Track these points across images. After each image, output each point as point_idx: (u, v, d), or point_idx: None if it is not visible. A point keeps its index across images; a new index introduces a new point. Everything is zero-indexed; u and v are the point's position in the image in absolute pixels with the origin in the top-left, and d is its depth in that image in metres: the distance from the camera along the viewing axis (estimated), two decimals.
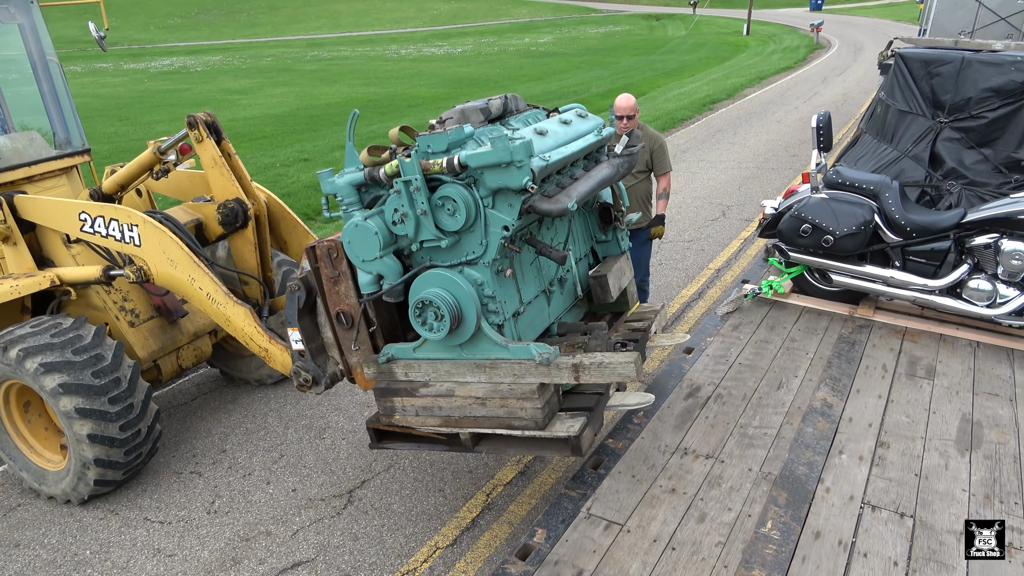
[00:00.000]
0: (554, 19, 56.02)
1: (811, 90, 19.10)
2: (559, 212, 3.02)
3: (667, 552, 3.21)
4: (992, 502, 3.51)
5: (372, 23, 56.58)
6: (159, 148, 4.42)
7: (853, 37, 33.86)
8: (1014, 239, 4.74)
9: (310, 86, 24.42)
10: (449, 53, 35.30)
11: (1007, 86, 5.84)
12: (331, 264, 3.32)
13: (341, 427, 4.96)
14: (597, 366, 3.10)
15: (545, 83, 22.69)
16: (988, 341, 4.99)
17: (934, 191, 6.07)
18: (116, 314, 4.59)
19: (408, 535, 3.97)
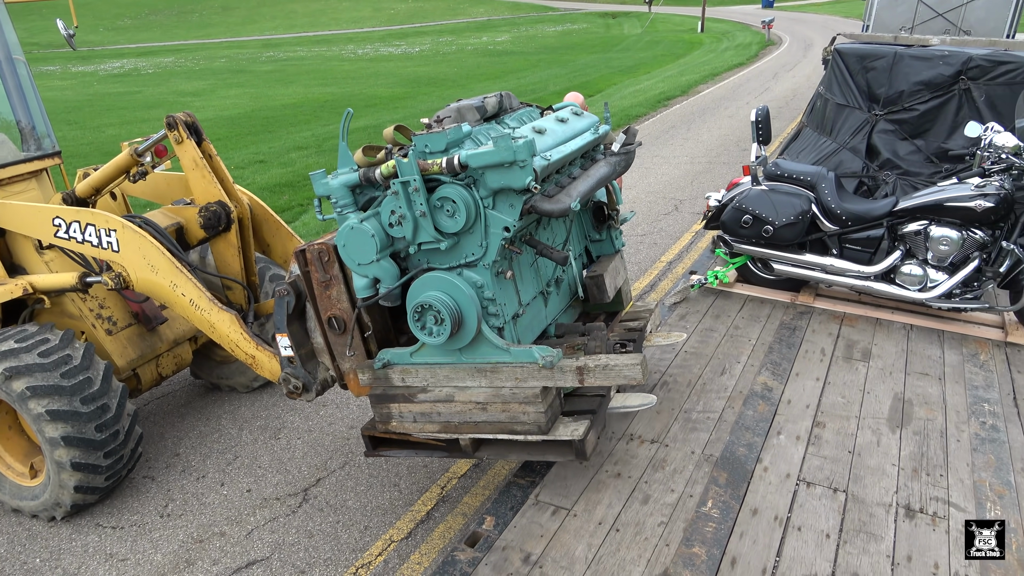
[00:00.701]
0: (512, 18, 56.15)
1: (762, 86, 19.50)
2: (561, 212, 2.98)
3: (611, 533, 3.32)
4: (919, 475, 3.70)
5: (328, 23, 56.03)
6: (136, 150, 4.27)
7: (803, 34, 34.60)
8: (942, 225, 4.97)
9: (265, 87, 24.14)
10: (407, 52, 35.17)
11: (936, 79, 6.10)
12: (322, 268, 3.24)
13: (297, 427, 4.98)
14: (602, 369, 3.07)
15: (503, 82, 22.77)
16: (920, 324, 5.22)
17: (871, 181, 6.31)
18: (92, 322, 4.46)
19: (363, 530, 4.01)
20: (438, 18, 57.78)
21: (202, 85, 25.46)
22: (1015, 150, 4.77)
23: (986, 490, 3.60)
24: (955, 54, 6.12)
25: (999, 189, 4.78)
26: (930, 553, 3.21)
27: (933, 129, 6.22)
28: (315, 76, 26.87)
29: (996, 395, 4.40)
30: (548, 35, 41.60)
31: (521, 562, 3.19)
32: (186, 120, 4.09)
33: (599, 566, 3.16)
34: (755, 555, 3.19)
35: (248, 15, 61.28)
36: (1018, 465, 3.78)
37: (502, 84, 22.07)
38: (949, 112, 6.12)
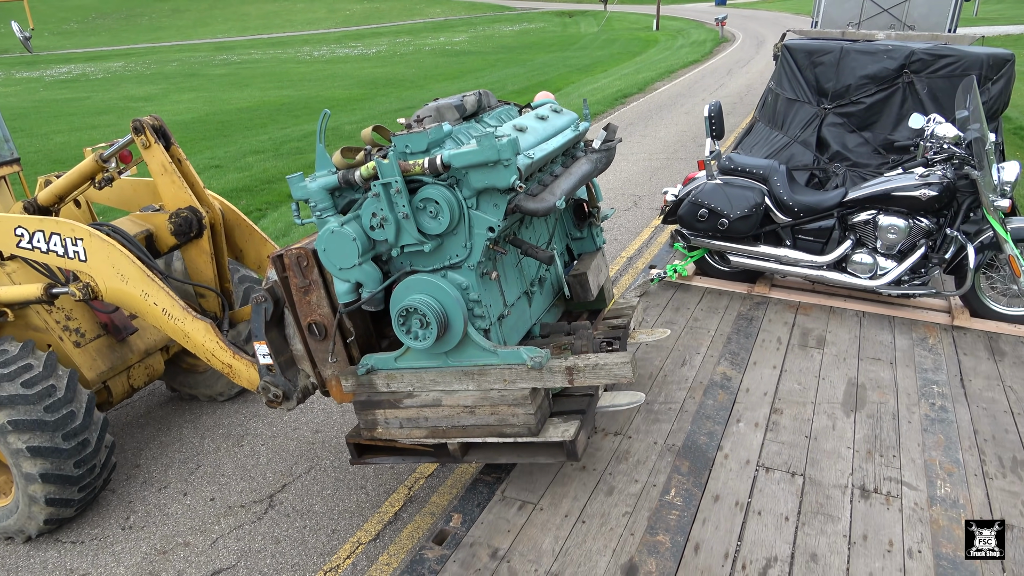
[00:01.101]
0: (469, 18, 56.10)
1: (717, 82, 19.82)
2: (546, 211, 2.95)
3: (578, 525, 3.37)
4: (873, 456, 3.82)
5: (283, 25, 55.29)
6: (101, 156, 4.12)
7: (755, 30, 35.23)
8: (889, 215, 5.13)
9: (219, 91, 23.73)
10: (364, 54, 34.89)
11: (881, 73, 6.28)
12: (301, 273, 3.18)
13: (260, 433, 4.93)
14: (592, 368, 3.05)
15: (461, 82, 22.74)
16: (872, 311, 5.38)
17: (822, 173, 6.47)
18: (60, 334, 4.30)
19: (331, 533, 3.99)
20: (394, 19, 57.45)
21: (154, 90, 24.93)
22: (955, 140, 4.94)
23: (936, 468, 3.73)
24: (898, 48, 6.31)
25: (942, 178, 4.95)
26: (884, 531, 3.32)
27: (879, 121, 6.41)
28: (270, 79, 26.51)
29: (944, 377, 4.56)
30: (505, 35, 41.66)
31: (489, 557, 3.22)
32: (153, 124, 3.97)
33: (566, 558, 3.20)
34: (717, 540, 3.27)
35: (200, 17, 60.15)
36: (965, 443, 3.93)
37: (461, 84, 22.05)
38: (894, 105, 6.31)
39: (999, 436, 3.99)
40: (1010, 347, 4.90)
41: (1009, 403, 4.28)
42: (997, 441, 3.95)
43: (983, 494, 3.56)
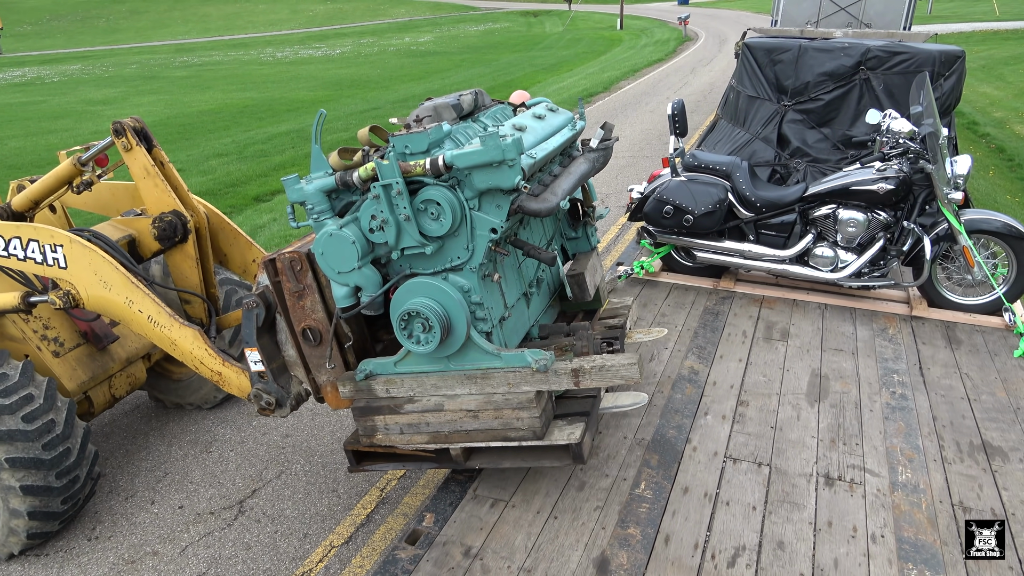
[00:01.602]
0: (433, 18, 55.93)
1: (681, 80, 20.04)
2: (548, 211, 2.91)
3: (550, 521, 3.40)
4: (837, 445, 3.91)
5: (244, 26, 54.55)
6: (79, 159, 3.99)
7: (718, 29, 35.69)
8: (849, 208, 5.24)
9: (181, 93, 23.34)
10: (328, 55, 34.59)
11: (838, 70, 6.42)
12: (294, 277, 3.11)
13: (229, 439, 4.87)
14: (598, 370, 3.01)
15: (427, 82, 22.68)
16: (834, 303, 5.50)
17: (783, 169, 6.59)
18: (37, 344, 4.16)
19: (302, 537, 3.97)
20: (358, 19, 57.03)
21: (112, 93, 24.43)
22: (910, 135, 5.08)
23: (897, 455, 3.83)
24: (855, 46, 6.46)
25: (898, 172, 5.08)
26: (849, 517, 3.40)
27: (838, 118, 6.55)
28: (233, 81, 26.14)
29: (904, 366, 4.68)
30: (471, 35, 41.62)
31: (462, 556, 3.23)
32: (134, 126, 3.86)
33: (538, 553, 3.22)
34: (687, 531, 3.32)
35: (158, 19, 59.07)
36: (925, 430, 4.04)
37: (427, 85, 21.99)
38: (851, 101, 6.45)
39: (956, 422, 4.11)
40: (966, 335, 5.05)
41: (965, 390, 4.41)
42: (955, 427, 4.06)
43: (942, 479, 3.66)
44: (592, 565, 3.14)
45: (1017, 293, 5.14)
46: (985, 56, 22.59)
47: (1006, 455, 3.82)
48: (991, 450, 3.87)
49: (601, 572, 3.10)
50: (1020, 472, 3.69)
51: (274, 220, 9.30)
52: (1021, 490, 3.57)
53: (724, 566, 3.13)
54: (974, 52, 23.28)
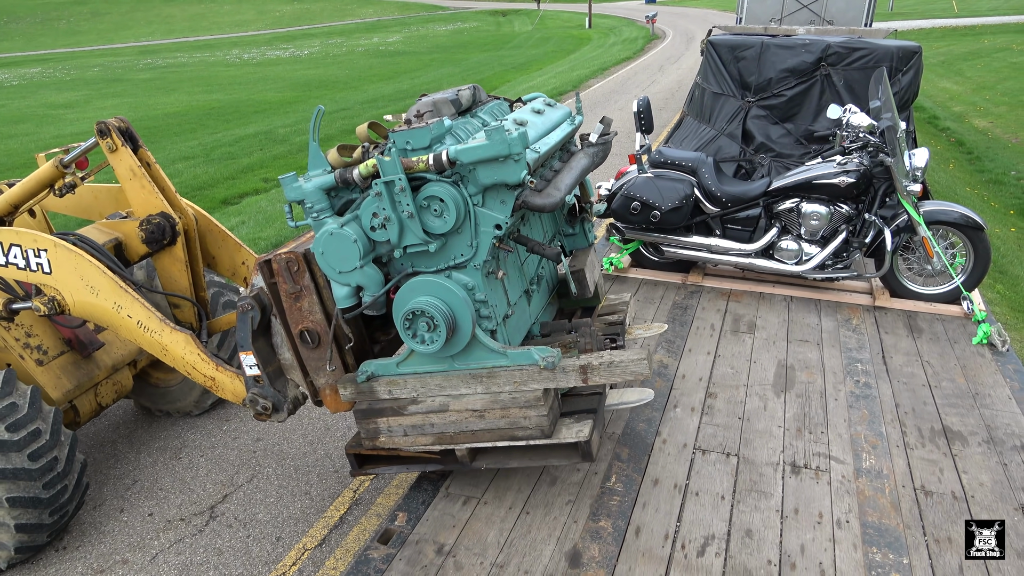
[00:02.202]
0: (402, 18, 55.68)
1: (649, 79, 20.20)
2: (553, 207, 2.87)
3: (522, 516, 3.42)
4: (803, 434, 3.99)
5: (210, 27, 53.81)
6: (61, 161, 3.82)
7: (684, 27, 36.04)
8: (811, 202, 5.34)
9: (145, 96, 22.96)
10: (295, 56, 34.27)
11: (800, 66, 6.53)
12: (291, 278, 3.04)
13: (199, 444, 4.82)
14: (607, 366, 2.98)
15: (396, 82, 22.59)
16: (799, 295, 5.60)
17: (748, 164, 6.69)
18: (20, 352, 4.02)
19: (275, 541, 3.95)
20: (326, 19, 56.56)
21: (75, 96, 23.95)
22: (869, 129, 5.18)
23: (861, 442, 3.92)
24: (815, 42, 6.57)
25: (859, 165, 5.19)
26: (814, 504, 3.47)
27: (800, 113, 6.66)
28: (198, 83, 25.78)
29: (868, 355, 4.78)
30: (439, 34, 41.52)
31: (435, 553, 3.24)
32: (119, 126, 3.75)
33: (511, 549, 3.24)
34: (657, 522, 3.36)
35: (121, 21, 58.03)
36: (888, 417, 4.13)
37: (396, 84, 21.90)
38: (813, 96, 6.57)
39: (918, 408, 4.21)
40: (927, 324, 5.17)
41: (927, 377, 4.52)
42: (916, 413, 4.16)
43: (904, 464, 3.75)
44: (564, 559, 3.17)
45: (975, 282, 5.28)
46: (945, 52, 23.12)
47: (965, 439, 3.93)
48: (951, 435, 3.97)
49: (573, 565, 3.13)
50: (979, 455, 3.80)
51: (242, 223, 9.20)
52: (980, 473, 3.67)
53: (694, 555, 3.17)
54: (934, 48, 23.80)
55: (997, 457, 3.78)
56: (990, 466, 3.72)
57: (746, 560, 3.15)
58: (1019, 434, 3.95)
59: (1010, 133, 12.87)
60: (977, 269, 5.23)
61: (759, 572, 3.09)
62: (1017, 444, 3.87)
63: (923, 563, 3.13)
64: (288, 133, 14.85)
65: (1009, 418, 4.09)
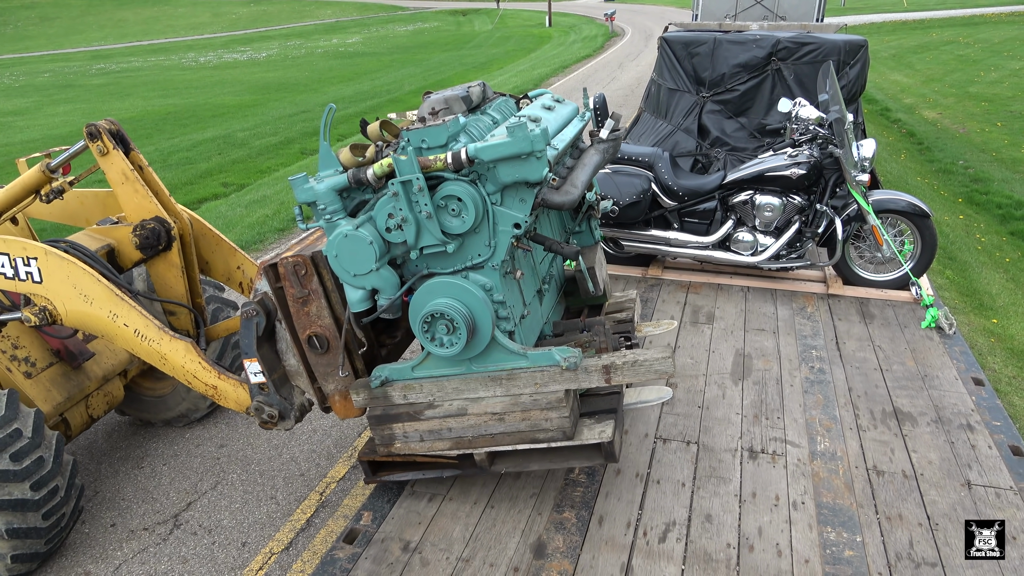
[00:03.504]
0: (361, 19, 55.25)
1: (609, 76, 20.37)
2: (572, 204, 2.83)
3: (487, 511, 3.46)
4: (760, 420, 4.09)
5: (164, 30, 52.81)
6: (48, 165, 3.68)
7: (643, 24, 36.38)
8: (765, 194, 5.46)
9: (99, 102, 22.48)
10: (253, 58, 33.83)
11: (751, 61, 6.66)
12: (299, 282, 2.96)
13: (161, 453, 4.76)
14: (631, 365, 2.92)
15: (357, 83, 22.44)
16: (755, 285, 5.73)
17: (704, 158, 6.81)
18: (7, 365, 3.86)
19: (241, 547, 3.92)
20: (284, 21, 55.88)
21: (24, 103, 23.34)
22: (818, 121, 5.32)
23: (816, 426, 4.03)
24: (766, 38, 6.72)
25: (809, 157, 5.32)
26: (771, 487, 3.57)
27: (753, 107, 6.81)
28: (154, 87, 25.32)
29: (822, 342, 4.91)
30: (400, 35, 41.32)
31: (401, 550, 3.26)
32: (110, 128, 3.62)
33: (477, 543, 3.28)
34: (620, 511, 3.43)
35: (71, 25, 56.63)
36: (841, 400, 4.26)
37: (356, 86, 21.76)
38: (765, 90, 6.71)
39: (870, 392, 4.34)
40: (878, 310, 5.33)
41: (878, 361, 4.67)
42: (869, 396, 4.30)
43: (857, 445, 3.87)
44: (529, 550, 3.22)
45: (923, 268, 5.45)
46: (895, 45, 23.70)
47: (915, 420, 4.07)
48: (902, 416, 4.11)
49: (538, 556, 3.17)
50: (928, 435, 3.94)
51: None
52: (928, 451, 3.81)
53: (655, 541, 3.24)
54: (884, 42, 24.40)
55: (945, 436, 3.92)
56: (938, 445, 3.85)
57: (706, 544, 3.23)
58: (965, 413, 4.10)
59: (958, 124, 13.27)
60: (925, 255, 5.40)
61: (719, 555, 3.17)
62: (963, 423, 4.02)
63: (875, 540, 3.24)
64: (247, 137, 14.68)
65: (956, 398, 4.24)
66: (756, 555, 3.16)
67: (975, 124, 13.04)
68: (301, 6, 66.05)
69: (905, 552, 3.16)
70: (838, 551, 3.16)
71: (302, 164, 12.28)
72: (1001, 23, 27.87)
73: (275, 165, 12.40)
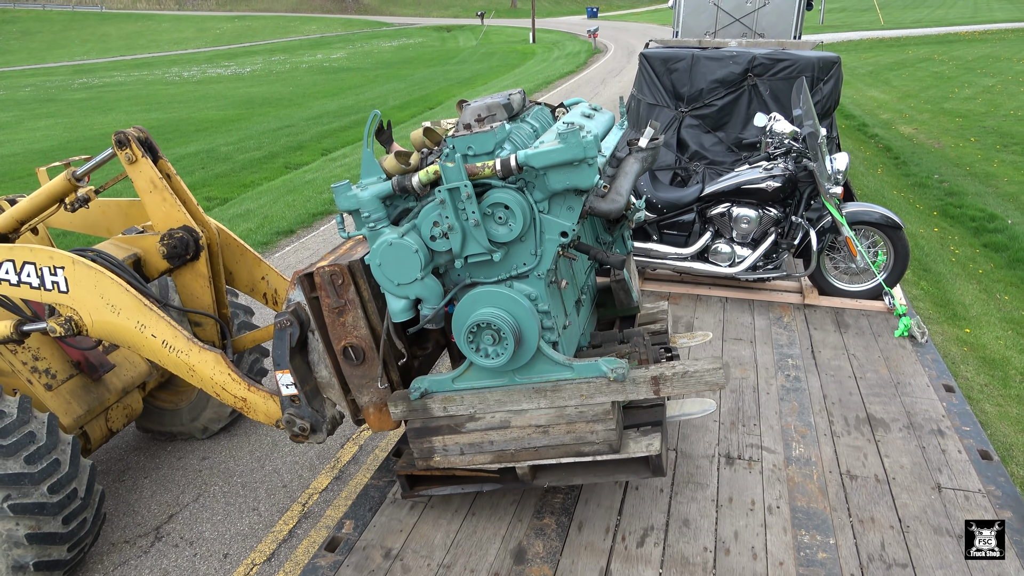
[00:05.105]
0: (346, 34, 55.44)
1: (592, 91, 20.59)
2: (618, 212, 2.80)
3: (468, 518, 3.49)
4: (737, 427, 4.16)
5: (148, 45, 52.70)
6: (74, 173, 3.63)
7: (626, 41, 36.81)
8: (742, 206, 5.58)
9: (81, 116, 22.38)
10: (237, 73, 33.84)
11: (728, 77, 6.80)
12: (335, 292, 2.92)
13: (142, 466, 4.76)
14: (681, 376, 2.85)
15: (341, 98, 22.53)
16: (733, 296, 5.82)
17: (683, 172, 6.92)
18: (28, 377, 3.82)
19: (223, 558, 3.93)
20: (268, 36, 55.96)
21: (5, 117, 23.20)
22: (792, 135, 5.45)
23: (791, 432, 4.11)
24: (742, 54, 6.86)
25: (784, 170, 5.44)
26: (747, 492, 3.63)
27: (731, 122, 6.94)
28: (137, 102, 25.26)
29: (798, 350, 5.01)
30: (384, 50, 41.52)
31: (382, 558, 3.29)
32: (139, 136, 3.59)
33: (458, 549, 3.32)
34: (599, 517, 3.48)
35: (53, 39, 56.38)
36: (816, 407, 4.35)
37: (341, 100, 21.84)
38: (742, 106, 6.85)
39: (844, 399, 4.43)
40: (853, 320, 5.44)
41: (852, 369, 4.76)
42: (843, 403, 4.39)
43: (831, 451, 3.95)
44: (509, 556, 3.26)
45: (896, 278, 5.58)
46: (872, 62, 24.15)
47: (887, 426, 4.16)
48: (875, 422, 4.20)
49: (518, 562, 3.21)
50: (900, 440, 4.03)
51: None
52: (900, 456, 3.90)
53: (634, 546, 3.30)
54: (862, 59, 24.85)
55: (916, 441, 4.01)
56: (910, 449, 3.94)
57: (683, 548, 3.28)
58: (936, 419, 4.20)
59: (933, 139, 13.54)
60: (897, 266, 5.53)
61: (695, 559, 3.23)
62: (934, 428, 4.11)
63: (848, 542, 3.31)
64: (231, 151, 14.69)
65: (927, 404, 4.34)
66: (732, 558, 3.22)
67: (950, 139, 13.32)
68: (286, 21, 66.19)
69: (877, 554, 3.23)
70: (812, 553, 3.23)
71: (286, 179, 12.32)
72: (975, 41, 28.51)
73: (259, 179, 12.42)
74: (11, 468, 3.23)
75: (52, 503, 3.31)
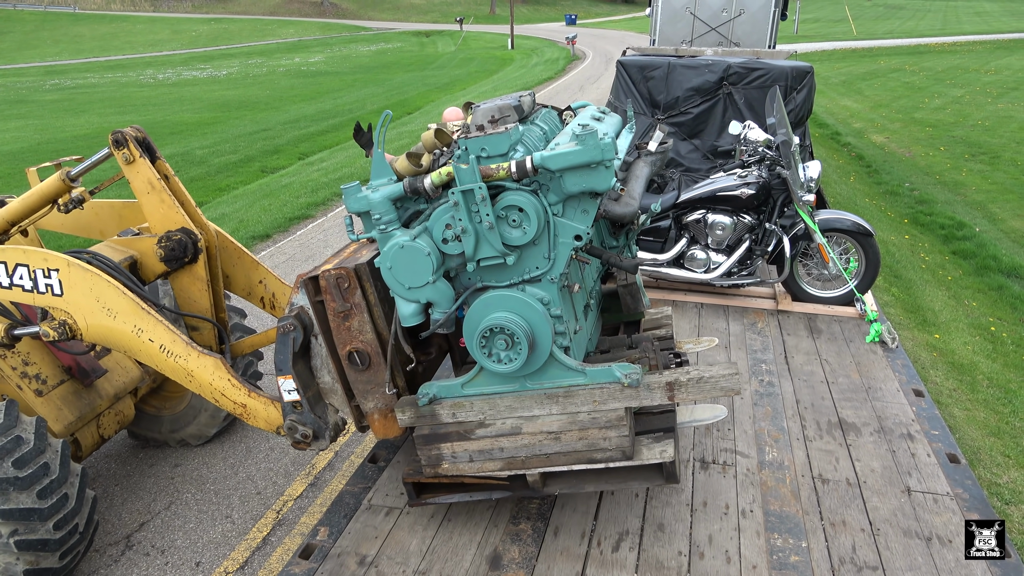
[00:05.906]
0: (324, 38, 55.16)
1: (571, 98, 20.70)
2: (632, 215, 2.79)
3: (444, 524, 3.49)
4: (711, 431, 4.20)
5: (122, 47, 52.04)
6: (68, 174, 3.53)
7: (604, 48, 37.07)
8: (717, 213, 5.64)
9: (52, 118, 22.03)
10: (213, 76, 33.53)
11: (704, 85, 6.88)
12: (340, 296, 2.87)
13: (113, 473, 4.68)
14: (695, 382, 2.82)
15: (319, 102, 22.42)
16: (709, 301, 5.88)
17: (660, 179, 6.98)
18: (18, 383, 3.74)
19: (194, 567, 3.88)
20: (245, 39, 55.51)
21: None
22: (766, 143, 5.53)
23: (765, 436, 4.16)
24: (717, 63, 6.95)
25: (758, 178, 5.51)
26: (721, 496, 3.67)
27: (706, 129, 7.02)
28: (110, 104, 24.92)
29: (771, 356, 5.07)
30: (362, 55, 41.38)
31: (357, 565, 3.27)
32: (136, 135, 3.50)
33: (433, 555, 3.31)
34: (575, 522, 3.49)
35: (24, 40, 55.45)
36: (789, 412, 4.40)
37: (318, 105, 21.73)
38: (717, 114, 6.93)
39: (817, 403, 4.49)
40: (825, 325, 5.52)
41: (825, 374, 4.83)
42: (815, 408, 4.45)
43: (804, 455, 4.00)
44: (485, 562, 3.25)
45: (867, 284, 5.67)
46: (845, 72, 24.55)
47: (859, 430, 4.22)
48: (846, 426, 4.26)
49: (494, 567, 3.21)
50: (871, 444, 4.09)
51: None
52: (871, 460, 3.95)
53: (609, 550, 3.31)
54: (835, 69, 25.25)
55: (887, 445, 4.07)
56: (880, 453, 4.00)
57: (658, 552, 3.30)
58: (906, 423, 4.27)
59: (904, 148, 13.79)
60: (868, 272, 5.62)
61: (670, 563, 3.25)
62: (904, 432, 4.18)
63: (820, 545, 3.35)
64: (206, 154, 14.54)
65: (897, 409, 4.41)
66: (706, 562, 3.25)
67: (920, 148, 13.57)
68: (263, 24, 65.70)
69: (848, 556, 3.28)
70: (784, 557, 3.27)
71: (262, 183, 12.22)
72: (944, 52, 29.11)
73: (234, 183, 12.31)
74: (22, 503, 3.17)
75: (42, 508, 3.23)
